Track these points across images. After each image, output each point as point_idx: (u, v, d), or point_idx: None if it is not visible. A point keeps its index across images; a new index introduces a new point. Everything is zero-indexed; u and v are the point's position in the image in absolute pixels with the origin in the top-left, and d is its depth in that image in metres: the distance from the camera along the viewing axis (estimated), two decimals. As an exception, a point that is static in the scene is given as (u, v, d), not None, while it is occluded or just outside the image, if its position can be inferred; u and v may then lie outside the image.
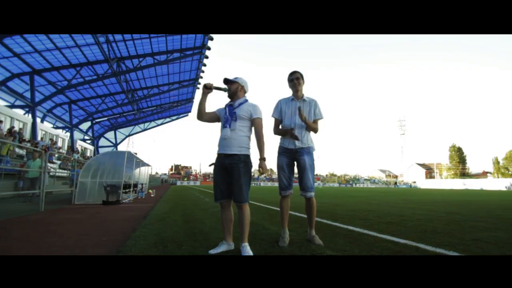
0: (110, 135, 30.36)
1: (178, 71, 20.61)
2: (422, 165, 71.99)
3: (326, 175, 71.39)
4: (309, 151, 2.77)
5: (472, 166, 65.16)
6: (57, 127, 22.26)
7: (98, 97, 21.15)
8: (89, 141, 27.18)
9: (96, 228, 3.71)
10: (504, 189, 35.63)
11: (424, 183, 52.66)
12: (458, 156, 63.16)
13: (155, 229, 3.47)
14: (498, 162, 58.30)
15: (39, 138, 16.94)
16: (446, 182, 48.45)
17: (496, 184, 40.56)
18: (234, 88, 2.49)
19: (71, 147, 21.54)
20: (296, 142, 2.73)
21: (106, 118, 26.94)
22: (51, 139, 18.93)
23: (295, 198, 3.54)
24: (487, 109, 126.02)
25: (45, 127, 19.96)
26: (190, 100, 28.38)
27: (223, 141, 2.41)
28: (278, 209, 2.90)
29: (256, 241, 2.79)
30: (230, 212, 2.47)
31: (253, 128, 2.52)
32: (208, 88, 2.45)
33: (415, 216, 4.95)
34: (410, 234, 3.22)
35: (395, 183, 57.43)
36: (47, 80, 16.55)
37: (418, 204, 8.11)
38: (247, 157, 2.41)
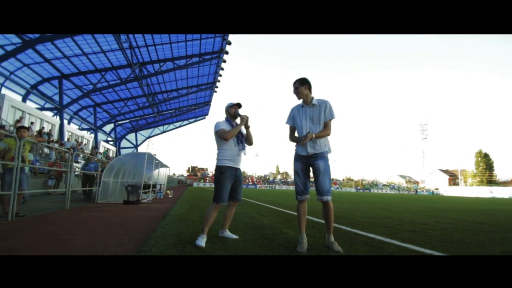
0: (131, 136, 31.46)
1: (196, 75, 21.06)
2: (445, 171, 68.59)
3: (343, 180, 69.81)
4: (323, 155, 2.74)
5: (500, 173, 61.25)
6: (82, 129, 23.37)
7: (121, 100, 22.01)
8: (111, 142, 28.31)
9: (118, 227, 3.84)
10: (538, 198, 33.25)
11: (447, 190, 50.28)
12: (485, 163, 59.66)
13: (174, 229, 3.54)
14: (529, 170, 54.44)
15: (65, 139, 17.85)
16: (471, 190, 45.96)
17: (529, 193, 37.92)
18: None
19: (95, 148, 22.51)
20: (309, 148, 2.74)
21: (128, 121, 27.96)
22: (76, 140, 19.88)
23: (311, 202, 3.49)
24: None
25: (72, 128, 21.00)
26: (208, 103, 28.87)
27: (237, 158, 2.98)
28: (295, 213, 2.87)
29: (274, 246, 2.77)
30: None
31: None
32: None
33: (439, 225, 4.72)
34: (435, 244, 3.07)
35: (416, 190, 55.45)
36: (74, 84, 17.46)
37: (441, 212, 7.74)
38: None
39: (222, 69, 20.83)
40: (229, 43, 17.29)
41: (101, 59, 15.61)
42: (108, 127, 26.70)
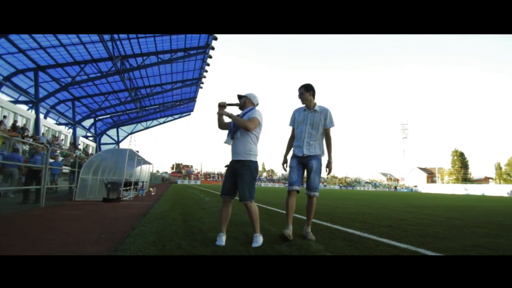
0: (112, 132, 30.45)
1: (181, 70, 20.63)
2: (424, 169, 71.53)
3: (327, 177, 71.14)
4: (317, 157, 3.02)
5: (474, 171, 64.69)
6: (60, 124, 22.36)
7: (102, 94, 21.22)
8: (91, 138, 27.30)
9: (95, 225, 3.72)
10: (506, 195, 35.49)
11: (425, 187, 52.44)
12: (460, 161, 62.75)
13: (154, 227, 3.47)
14: (500, 168, 57.92)
15: (41, 134, 17.03)
16: (448, 187, 48.23)
17: (498, 190, 40.43)
18: (242, 101, 2.87)
19: (74, 144, 21.65)
20: (305, 150, 3.01)
21: (108, 116, 27.01)
22: (53, 135, 19.04)
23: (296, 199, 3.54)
24: (490, 114, 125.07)
25: (48, 123, 20.05)
26: (193, 99, 28.41)
27: (231, 148, 2.78)
28: (278, 209, 2.95)
29: (255, 242, 2.78)
30: (229, 208, 2.79)
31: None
32: (222, 107, 2.77)
33: (415, 220, 4.92)
34: (410, 238, 3.20)
35: (395, 187, 57.84)
36: (51, 77, 16.64)
37: (418, 208, 8.07)
38: (251, 162, 2.68)
39: (208, 64, 20.55)
40: (215, 39, 17.06)
41: (80, 51, 14.95)
42: (87, 122, 25.70)
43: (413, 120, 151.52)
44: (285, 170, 3.16)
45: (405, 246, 2.75)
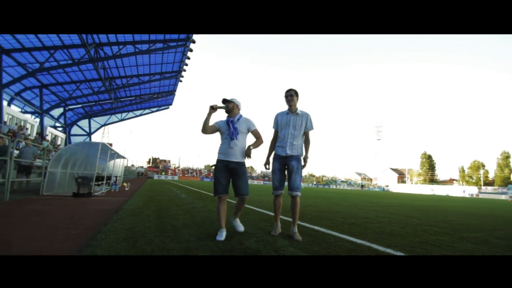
0: (84, 123, 28.94)
1: (160, 62, 20.09)
2: (395, 170, 75.59)
3: (305, 176, 72.83)
4: (298, 158, 3.24)
5: (440, 173, 69.51)
6: (26, 112, 20.95)
7: (73, 82, 20.12)
8: (60, 129, 25.81)
9: (65, 221, 3.66)
10: (468, 196, 38.53)
11: (396, 187, 55.49)
12: (428, 163, 67.05)
13: (126, 223, 3.50)
14: (463, 171, 62.69)
15: (3, 122, 15.87)
16: (416, 187, 51.41)
17: (461, 191, 43.86)
18: (230, 106, 3.12)
19: (41, 134, 20.39)
20: (287, 150, 3.23)
21: (80, 106, 25.67)
22: (17, 124, 17.82)
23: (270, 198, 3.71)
24: (457, 120, 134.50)
25: (12, 111, 18.70)
26: (172, 92, 27.77)
27: (229, 150, 3.02)
28: (255, 208, 3.12)
29: (227, 239, 2.92)
30: (225, 204, 3.07)
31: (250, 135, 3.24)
32: (214, 109, 3.01)
33: (377, 219, 5.32)
34: (368, 235, 3.50)
35: (362, 185, 61.25)
36: (16, 61, 15.51)
37: (384, 207, 8.63)
38: (245, 163, 3.13)
39: (188, 58, 20.21)
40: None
41: (50, 36, 14.07)
42: (56, 112, 24.23)
43: (386, 122, 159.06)
44: (267, 169, 3.45)
45: (361, 242, 3.03)
